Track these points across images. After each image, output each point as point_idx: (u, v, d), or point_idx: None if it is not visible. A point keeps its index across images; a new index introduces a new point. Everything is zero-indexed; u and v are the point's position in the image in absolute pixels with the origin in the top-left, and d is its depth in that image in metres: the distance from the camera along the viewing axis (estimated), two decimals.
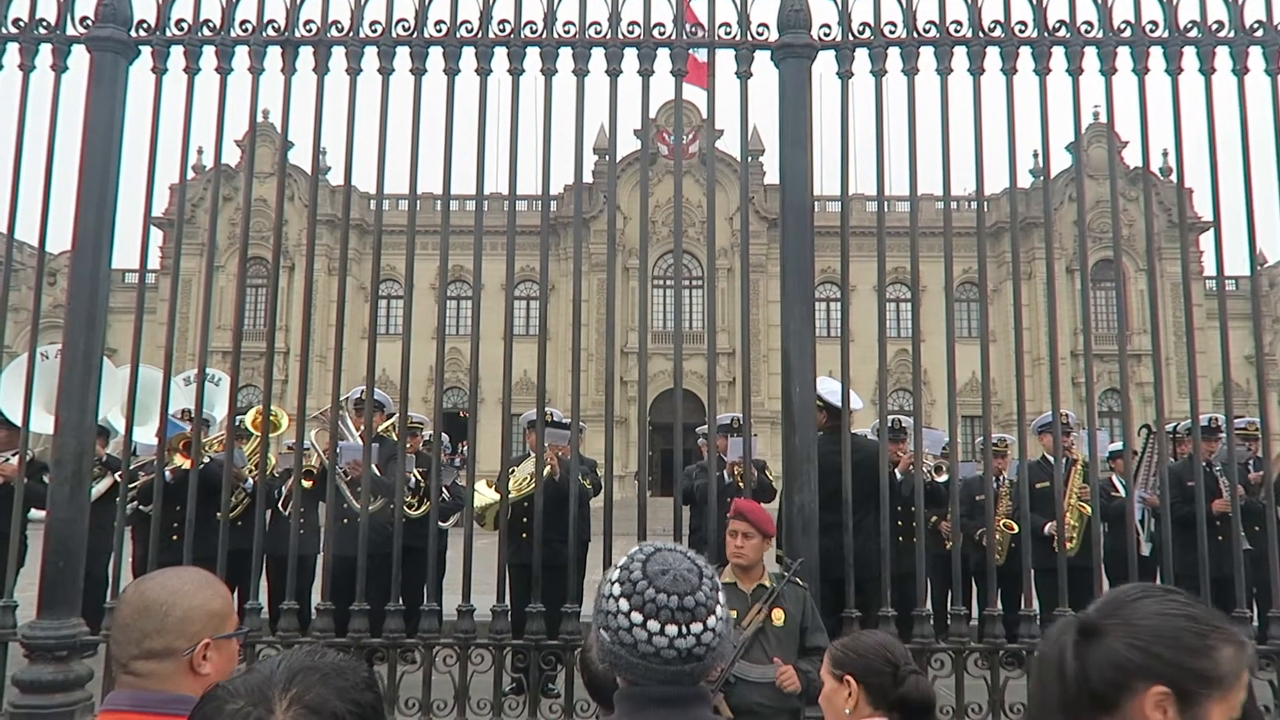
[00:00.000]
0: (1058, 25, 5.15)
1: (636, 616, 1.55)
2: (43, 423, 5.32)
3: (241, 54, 5.22)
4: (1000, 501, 7.85)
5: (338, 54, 5.23)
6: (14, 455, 6.39)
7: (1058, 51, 5.16)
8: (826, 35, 5.18)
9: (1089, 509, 6.10)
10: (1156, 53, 5.13)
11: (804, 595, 4.12)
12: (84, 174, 5.04)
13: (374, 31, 5.21)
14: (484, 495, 6.76)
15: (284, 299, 39.07)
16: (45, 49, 5.20)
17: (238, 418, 6.49)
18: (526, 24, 5.21)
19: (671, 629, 1.54)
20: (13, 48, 5.20)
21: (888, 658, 2.59)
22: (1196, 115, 5.14)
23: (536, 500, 5.15)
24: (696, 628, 1.55)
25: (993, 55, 5.17)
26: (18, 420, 5.71)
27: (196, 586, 1.70)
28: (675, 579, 1.56)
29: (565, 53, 5.22)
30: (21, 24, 5.19)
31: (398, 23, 5.21)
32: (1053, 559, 5.17)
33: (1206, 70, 5.09)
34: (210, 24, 5.21)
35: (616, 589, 1.59)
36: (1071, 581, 5.00)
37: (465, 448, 6.74)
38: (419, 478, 7.38)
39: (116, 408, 6.82)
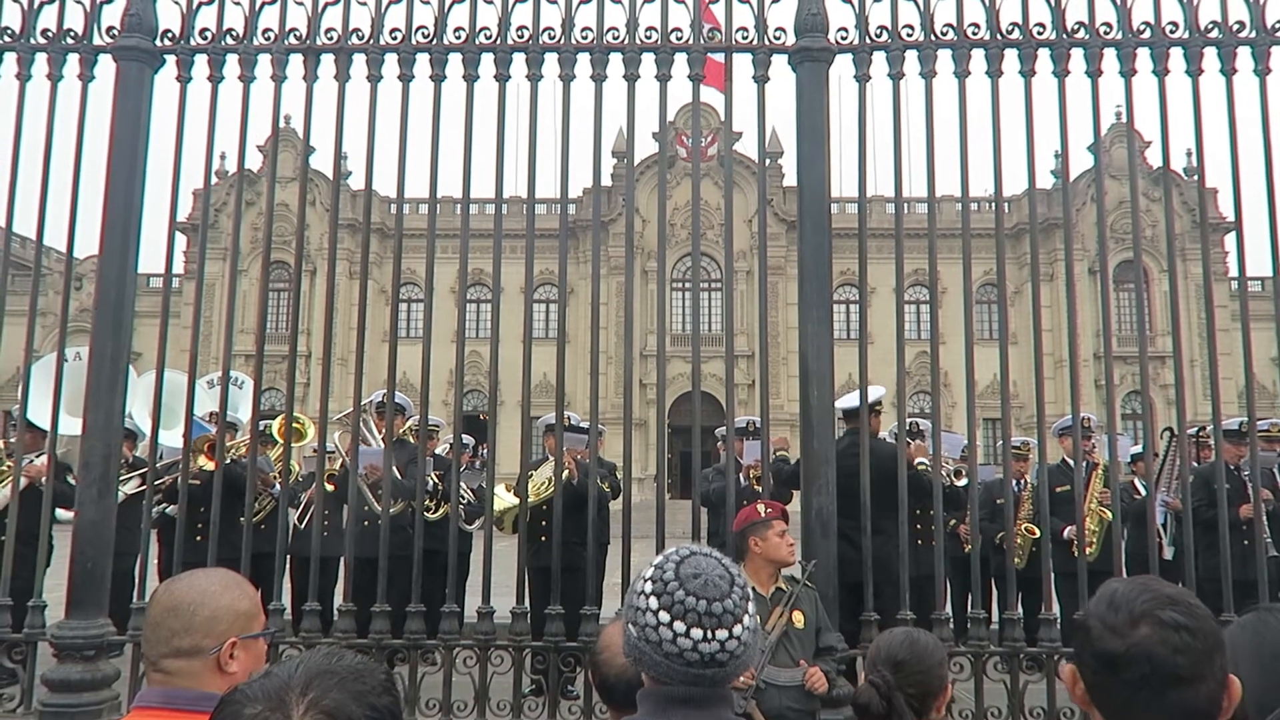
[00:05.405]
0: (1076, 27, 5.12)
1: (664, 616, 1.57)
2: (68, 425, 5.40)
3: (264, 62, 5.29)
4: (1021, 505, 7.80)
5: (359, 61, 5.29)
6: (37, 456, 6.50)
7: (1076, 53, 5.14)
8: (844, 39, 5.19)
9: (1109, 514, 6.06)
10: (1177, 53, 5.10)
11: (815, 596, 4.14)
12: (110, 180, 5.12)
13: (394, 39, 5.26)
14: (503, 500, 6.78)
15: (306, 303, 39.31)
16: (73, 59, 5.30)
17: (264, 424, 6.55)
18: (545, 30, 5.24)
19: (697, 632, 1.56)
20: (41, 58, 5.29)
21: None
22: (1218, 116, 5.11)
23: (555, 503, 5.18)
24: (721, 634, 1.56)
25: (1011, 57, 5.16)
26: (42, 423, 5.80)
27: (224, 587, 1.73)
28: (706, 584, 1.58)
29: (583, 58, 5.25)
30: (50, 34, 5.29)
31: (417, 30, 5.26)
32: (1073, 563, 5.14)
33: (1228, 71, 5.05)
34: (233, 33, 5.29)
35: (649, 586, 1.62)
36: (1092, 586, 4.96)
37: (485, 450, 6.79)
38: (437, 480, 7.43)
39: (143, 411, 6.91)
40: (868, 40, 5.17)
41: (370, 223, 5.47)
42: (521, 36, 5.26)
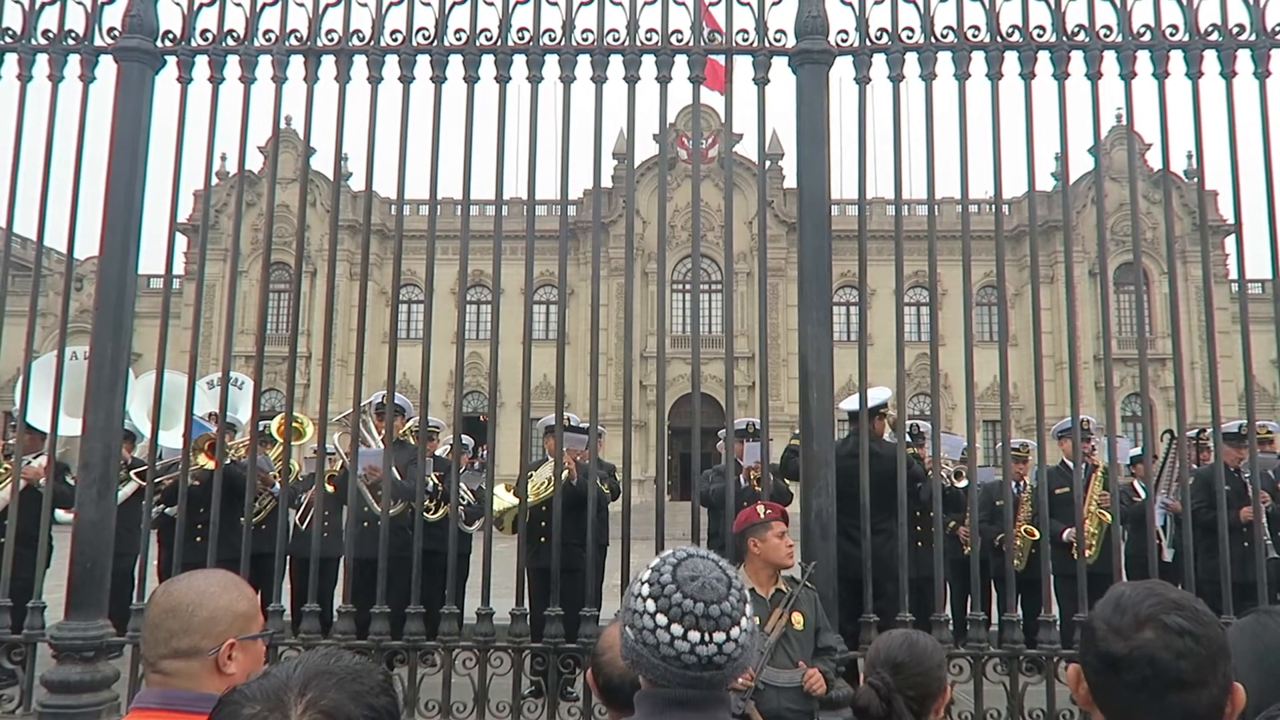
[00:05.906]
0: (1076, 30, 5.13)
1: (661, 619, 1.57)
2: (68, 426, 5.40)
3: (265, 63, 5.29)
4: (1020, 507, 7.80)
5: (359, 63, 5.29)
6: (35, 458, 6.49)
7: (1076, 56, 5.14)
8: (844, 41, 5.19)
9: (1109, 516, 6.06)
10: (1177, 56, 5.10)
11: (814, 597, 4.14)
12: (111, 181, 5.12)
13: (395, 40, 5.27)
14: (503, 500, 6.79)
15: (306, 304, 39.32)
16: (74, 60, 5.30)
17: (263, 424, 6.56)
18: (545, 32, 5.25)
19: (694, 635, 1.56)
20: (42, 59, 5.30)
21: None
22: (1218, 118, 5.11)
23: (555, 504, 5.18)
24: (719, 637, 1.56)
25: (1011, 60, 5.16)
26: (41, 425, 5.81)
27: (222, 588, 1.73)
28: (703, 586, 1.58)
29: (584, 60, 5.26)
30: (51, 35, 5.29)
31: (418, 31, 5.26)
32: (1072, 565, 5.14)
33: (1228, 73, 5.05)
34: (234, 34, 5.29)
35: (645, 589, 1.61)
36: (1091, 588, 4.97)
37: (485, 451, 6.79)
38: (437, 481, 7.44)
39: (142, 412, 6.92)
40: (868, 42, 5.18)
41: (370, 224, 5.47)
42: (522, 38, 5.26)
